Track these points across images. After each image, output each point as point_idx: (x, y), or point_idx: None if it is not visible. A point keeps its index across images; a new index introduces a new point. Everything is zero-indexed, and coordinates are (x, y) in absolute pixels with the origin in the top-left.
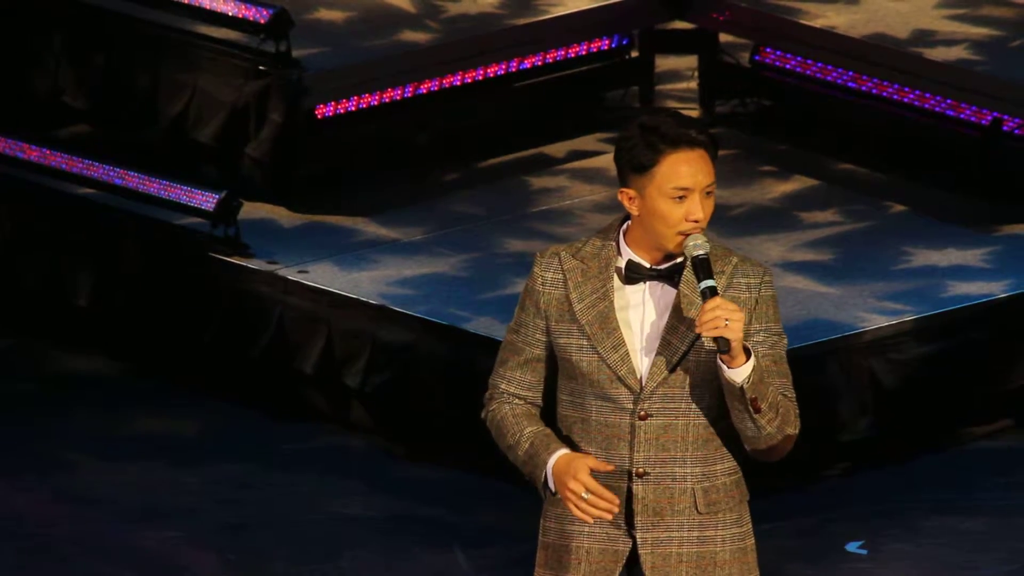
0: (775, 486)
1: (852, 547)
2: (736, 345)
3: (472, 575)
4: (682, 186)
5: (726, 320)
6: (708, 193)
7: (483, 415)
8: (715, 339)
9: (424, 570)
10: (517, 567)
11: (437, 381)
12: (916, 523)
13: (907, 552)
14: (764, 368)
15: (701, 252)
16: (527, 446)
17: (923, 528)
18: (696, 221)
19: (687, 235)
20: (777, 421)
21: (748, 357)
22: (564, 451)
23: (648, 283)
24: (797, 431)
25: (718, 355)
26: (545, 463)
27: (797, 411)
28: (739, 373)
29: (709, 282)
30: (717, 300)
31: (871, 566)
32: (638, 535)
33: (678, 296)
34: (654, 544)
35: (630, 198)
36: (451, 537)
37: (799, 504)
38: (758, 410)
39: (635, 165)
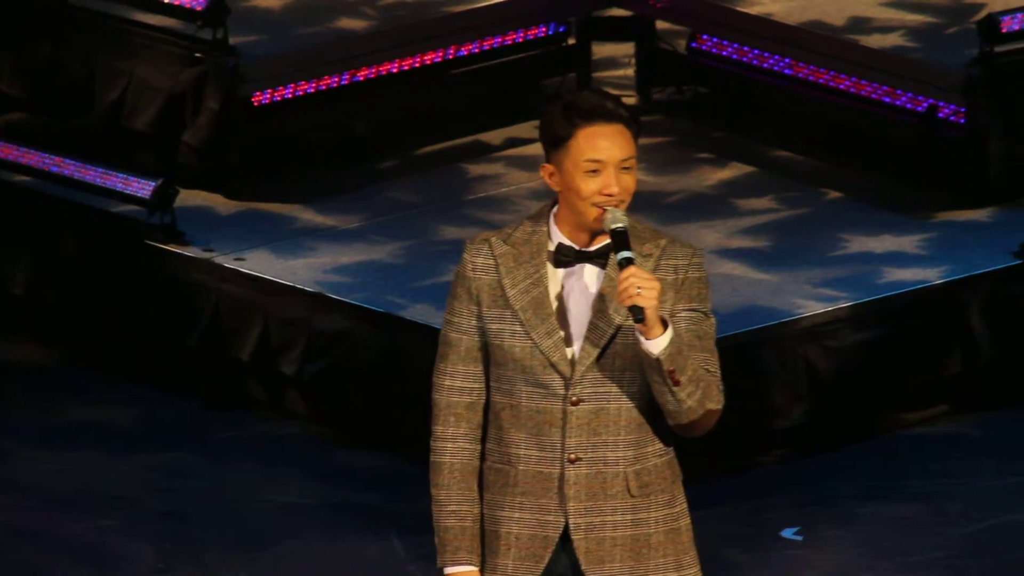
0: (710, 472)
1: (787, 533)
2: (651, 314)
3: (409, 563)
4: (594, 158)
5: (639, 288)
6: (625, 168)
7: (432, 421)
8: (630, 308)
9: (361, 558)
10: None
11: (373, 368)
12: (851, 509)
13: (842, 538)
14: (687, 343)
15: (618, 225)
16: (445, 524)
17: (858, 514)
18: (610, 195)
19: (605, 210)
20: (698, 395)
21: (666, 329)
22: (464, 571)
23: (579, 266)
24: (720, 406)
25: (636, 326)
26: (445, 563)
27: (721, 387)
28: (656, 344)
29: (625, 253)
30: (632, 269)
31: (806, 552)
32: (571, 520)
33: (605, 279)
34: (588, 529)
35: (550, 174)
36: (388, 524)
37: (734, 490)
38: (677, 383)
39: (552, 139)
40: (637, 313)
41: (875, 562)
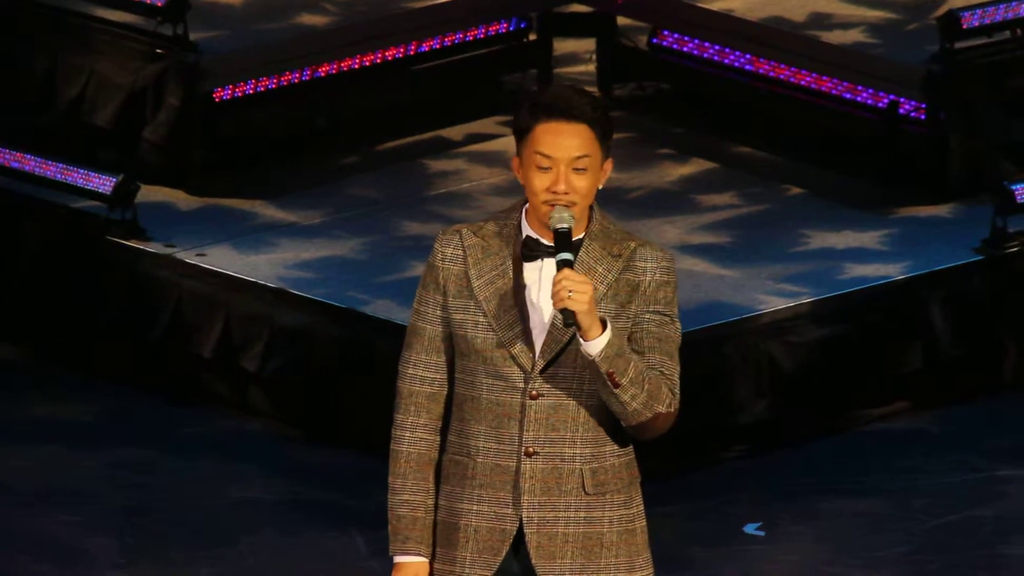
0: (672, 467)
1: (750, 529)
2: (582, 318)
3: (369, 558)
4: (544, 153)
5: (570, 291)
6: (579, 168)
7: (394, 415)
8: (561, 311)
9: (322, 553)
10: None
11: (335, 364)
12: (813, 505)
13: (804, 534)
14: (647, 346)
15: (562, 225)
16: (397, 513)
17: (820, 510)
18: (556, 192)
19: (554, 207)
20: (643, 397)
21: (604, 331)
22: (412, 561)
23: (546, 260)
24: (671, 410)
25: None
26: (395, 551)
27: (675, 390)
28: (593, 346)
29: (564, 255)
30: (565, 272)
31: (768, 548)
32: (524, 514)
33: None
34: (540, 524)
35: (516, 167)
36: (349, 520)
37: (697, 486)
38: (617, 385)
39: (517, 131)
40: (568, 317)
41: (837, 557)
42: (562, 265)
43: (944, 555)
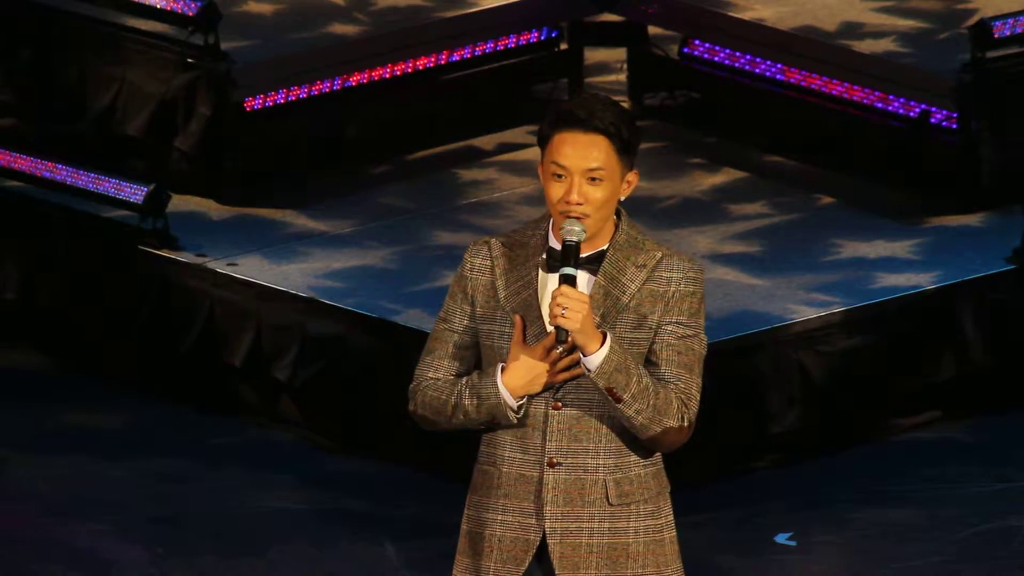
0: (704, 478)
1: (781, 538)
2: (576, 336)
3: (401, 568)
4: (558, 162)
5: (564, 309)
6: (593, 179)
7: (411, 408)
8: (555, 328)
9: (353, 563)
10: (446, 560)
11: (366, 374)
12: (844, 515)
13: (835, 543)
14: (665, 358)
15: (572, 239)
16: (467, 392)
17: (851, 520)
18: (568, 202)
19: (568, 218)
20: (648, 412)
21: (602, 347)
22: (499, 369)
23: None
24: (683, 424)
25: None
26: (493, 387)
27: (689, 404)
28: (590, 362)
29: (567, 270)
30: (563, 288)
31: (800, 557)
32: (547, 525)
33: (595, 285)
34: (563, 534)
35: (541, 174)
36: (380, 530)
37: (728, 496)
38: (619, 400)
39: (539, 139)
40: (561, 335)
41: (868, 567)
42: (562, 280)
43: (976, 565)
